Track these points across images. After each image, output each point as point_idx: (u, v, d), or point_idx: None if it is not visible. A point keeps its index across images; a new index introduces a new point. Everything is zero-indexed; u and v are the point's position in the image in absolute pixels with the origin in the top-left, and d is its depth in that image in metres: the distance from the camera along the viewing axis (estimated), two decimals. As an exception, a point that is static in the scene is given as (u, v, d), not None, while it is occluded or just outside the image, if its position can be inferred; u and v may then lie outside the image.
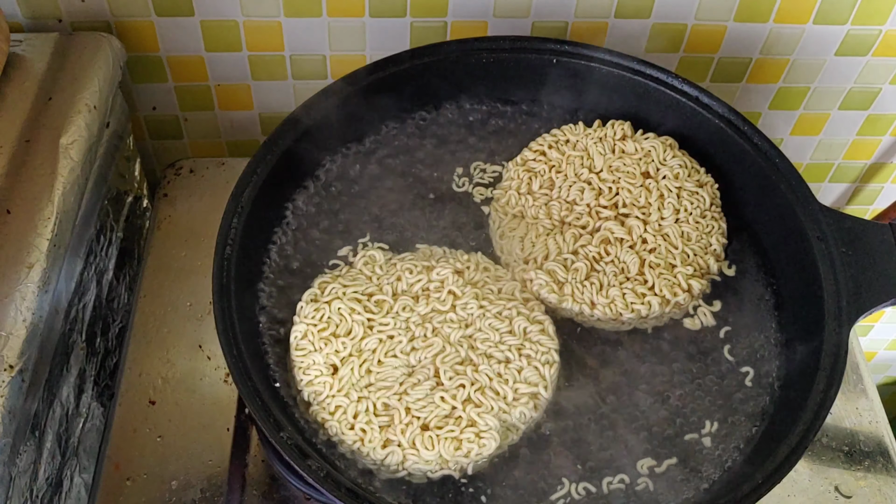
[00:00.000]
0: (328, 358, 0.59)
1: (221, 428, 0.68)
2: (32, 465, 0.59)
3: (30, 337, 0.56)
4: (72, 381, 0.66)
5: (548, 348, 0.60)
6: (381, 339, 0.60)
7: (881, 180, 1.02)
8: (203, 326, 0.74)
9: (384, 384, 0.58)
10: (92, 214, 0.71)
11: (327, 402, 0.58)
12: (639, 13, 0.80)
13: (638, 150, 0.70)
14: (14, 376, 0.54)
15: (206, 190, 0.84)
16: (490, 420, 0.57)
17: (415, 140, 0.74)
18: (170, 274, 0.77)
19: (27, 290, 0.58)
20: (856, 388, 0.75)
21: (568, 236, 0.66)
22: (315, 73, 0.83)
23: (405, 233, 0.69)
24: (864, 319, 0.62)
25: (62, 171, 0.64)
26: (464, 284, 0.63)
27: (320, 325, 0.60)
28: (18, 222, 0.61)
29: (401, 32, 0.80)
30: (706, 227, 0.67)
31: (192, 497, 0.64)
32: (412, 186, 0.71)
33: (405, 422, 0.56)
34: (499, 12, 0.79)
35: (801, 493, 0.69)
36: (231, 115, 0.88)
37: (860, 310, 0.61)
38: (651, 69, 0.72)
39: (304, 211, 0.69)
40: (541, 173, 0.70)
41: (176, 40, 0.79)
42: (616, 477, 0.58)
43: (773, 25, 0.82)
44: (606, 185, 0.68)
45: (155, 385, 0.70)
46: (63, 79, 0.70)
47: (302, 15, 0.78)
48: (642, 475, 0.58)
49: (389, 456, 0.56)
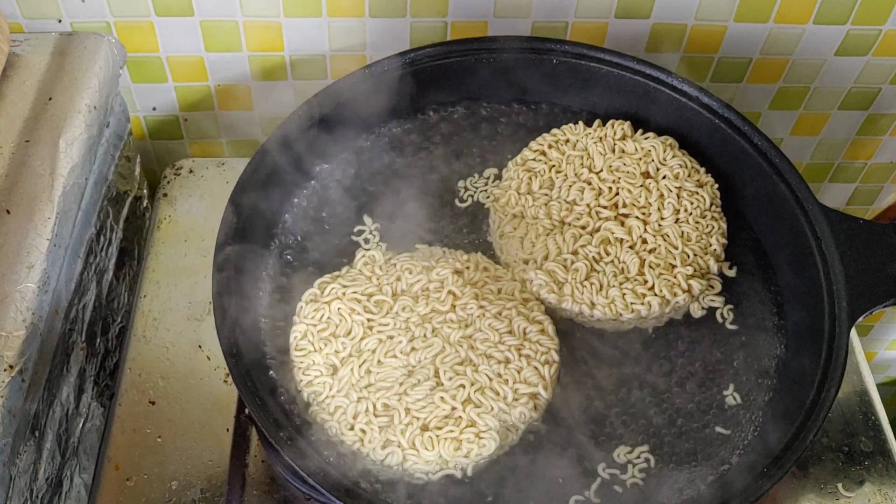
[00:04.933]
0: (328, 358, 0.59)
1: (221, 428, 0.68)
2: (32, 465, 0.59)
3: (30, 337, 0.56)
4: (72, 381, 0.66)
5: (547, 348, 0.60)
6: (381, 340, 0.60)
7: (881, 180, 1.02)
8: (203, 326, 0.74)
9: (384, 384, 0.58)
10: (92, 214, 0.71)
11: (327, 403, 0.58)
12: (639, 13, 0.80)
13: (638, 149, 0.70)
14: (14, 376, 0.54)
15: (206, 190, 0.85)
16: (490, 420, 0.57)
17: (415, 140, 0.74)
18: (170, 274, 0.77)
19: (27, 290, 0.58)
20: (856, 389, 0.75)
21: (568, 236, 0.66)
22: (315, 73, 0.83)
23: (405, 233, 0.69)
24: (864, 319, 0.62)
25: (62, 171, 0.64)
26: (463, 284, 0.63)
27: (320, 325, 0.60)
28: (18, 222, 0.61)
29: (401, 32, 0.80)
30: (706, 227, 0.67)
31: (192, 497, 0.64)
32: (412, 186, 0.71)
33: (405, 422, 0.56)
34: (499, 12, 0.79)
35: (802, 493, 0.69)
36: (231, 115, 0.88)
37: (860, 310, 0.61)
38: (651, 69, 0.72)
39: (303, 211, 0.70)
40: (541, 173, 0.70)
41: (176, 40, 0.79)
42: (616, 476, 0.58)
43: (773, 25, 0.81)
44: (606, 185, 0.68)
45: (155, 385, 0.70)
46: (63, 79, 0.70)
47: (302, 15, 0.78)
48: (642, 474, 0.58)
49: (389, 456, 0.56)
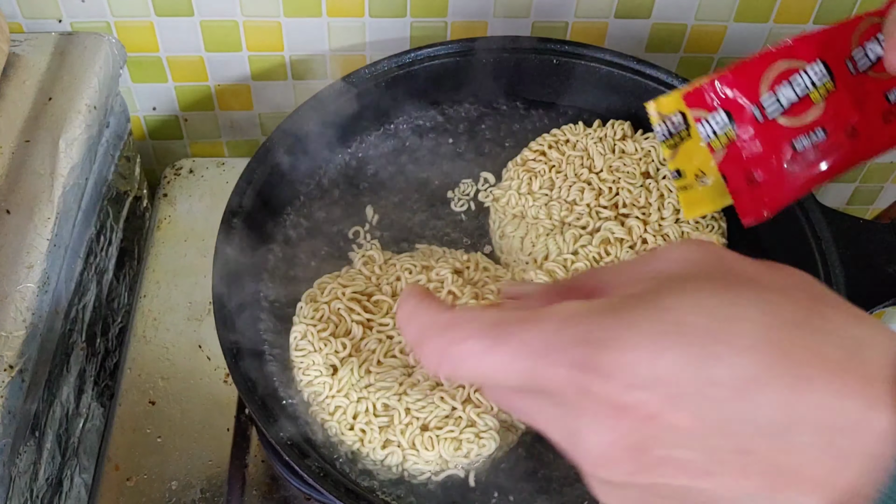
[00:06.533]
0: (327, 358, 0.59)
1: (221, 428, 0.68)
2: (32, 466, 0.59)
3: (30, 337, 0.56)
4: (72, 381, 0.66)
5: (547, 348, 0.60)
6: (381, 340, 0.60)
7: (881, 180, 1.02)
8: (203, 326, 0.74)
9: (384, 384, 0.58)
10: (92, 214, 0.71)
11: (327, 403, 0.58)
12: (639, 13, 0.80)
13: (638, 150, 0.70)
14: (14, 376, 0.54)
15: (206, 190, 0.85)
16: (489, 420, 0.57)
17: (415, 139, 0.74)
18: (170, 274, 0.78)
19: (27, 290, 0.58)
20: (856, 389, 0.75)
21: (568, 236, 0.66)
22: (315, 73, 0.83)
23: (405, 232, 0.69)
24: (864, 320, 0.62)
25: (62, 171, 0.64)
26: (463, 284, 0.62)
27: (320, 325, 0.60)
28: (18, 222, 0.61)
29: (401, 32, 0.80)
30: (706, 227, 0.67)
31: (192, 497, 0.64)
32: (412, 186, 0.71)
33: (405, 422, 0.56)
34: (499, 12, 0.79)
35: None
36: (231, 115, 0.88)
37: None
38: (651, 69, 0.72)
39: (303, 211, 0.70)
40: (541, 173, 0.70)
41: (176, 40, 0.79)
42: (616, 477, 0.58)
43: (773, 25, 0.81)
44: (606, 186, 0.68)
45: (155, 385, 0.70)
46: (63, 79, 0.70)
47: (302, 15, 0.78)
48: (642, 475, 0.58)
49: (389, 456, 0.56)
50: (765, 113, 0.40)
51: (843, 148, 0.38)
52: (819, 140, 0.39)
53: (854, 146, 0.39)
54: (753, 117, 0.40)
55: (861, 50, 0.41)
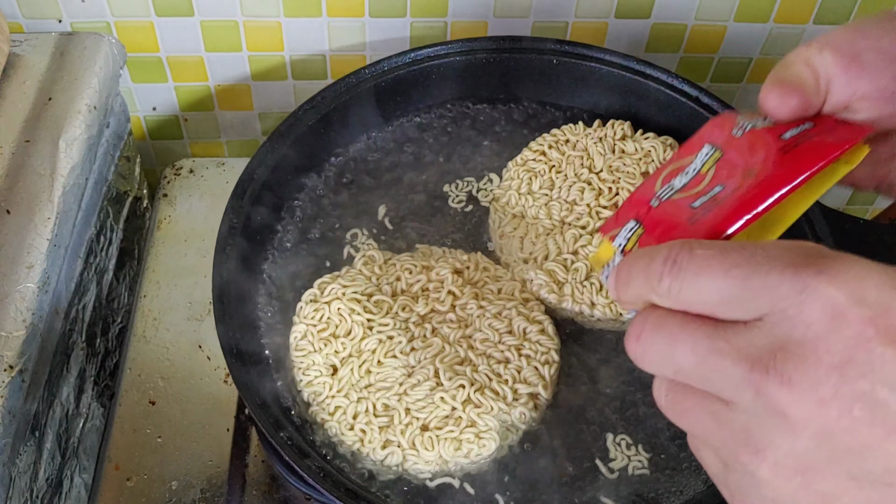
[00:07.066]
0: (328, 358, 0.59)
1: (221, 428, 0.68)
2: (32, 466, 0.59)
3: (29, 337, 0.56)
4: (72, 381, 0.66)
5: (547, 348, 0.60)
6: (381, 340, 0.60)
7: (881, 180, 1.02)
8: (203, 326, 0.74)
9: (384, 385, 0.58)
10: (92, 214, 0.71)
11: (327, 403, 0.58)
12: (639, 13, 0.80)
13: (638, 150, 0.70)
14: (14, 376, 0.54)
15: (206, 190, 0.85)
16: (490, 420, 0.57)
17: (415, 140, 0.74)
18: (170, 274, 0.78)
19: (27, 290, 0.58)
20: (856, 389, 0.75)
21: (568, 236, 0.66)
22: (315, 73, 0.83)
23: (405, 232, 0.69)
24: (864, 320, 0.62)
25: (62, 171, 0.64)
26: (463, 284, 0.62)
27: (320, 325, 0.60)
28: (18, 222, 0.61)
29: (401, 32, 0.80)
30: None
31: (192, 497, 0.64)
32: (412, 186, 0.71)
33: (405, 422, 0.56)
34: (499, 12, 0.79)
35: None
36: (231, 115, 0.88)
37: (860, 310, 0.60)
38: (651, 69, 0.72)
39: (303, 211, 0.70)
40: (541, 173, 0.70)
41: (176, 40, 0.79)
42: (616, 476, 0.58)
43: (773, 25, 0.81)
44: (606, 185, 0.68)
45: (155, 385, 0.70)
46: (63, 79, 0.70)
47: (302, 15, 0.78)
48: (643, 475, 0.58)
49: (389, 456, 0.56)
50: (661, 198, 0.42)
51: (744, 187, 0.39)
52: (717, 192, 0.40)
53: (758, 182, 0.39)
54: (650, 207, 0.42)
55: (744, 119, 0.42)
